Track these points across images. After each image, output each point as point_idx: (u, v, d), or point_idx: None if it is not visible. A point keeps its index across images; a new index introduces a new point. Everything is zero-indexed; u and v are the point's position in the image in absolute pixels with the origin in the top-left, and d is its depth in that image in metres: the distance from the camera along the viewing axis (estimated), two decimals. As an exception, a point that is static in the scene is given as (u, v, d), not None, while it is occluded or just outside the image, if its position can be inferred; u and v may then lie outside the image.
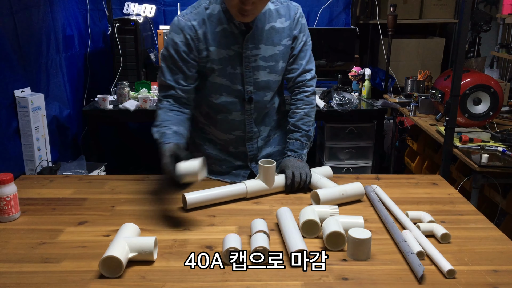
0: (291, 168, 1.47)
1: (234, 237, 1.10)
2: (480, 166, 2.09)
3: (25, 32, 2.23)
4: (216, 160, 1.61)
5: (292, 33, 1.50)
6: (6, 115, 2.06)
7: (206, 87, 1.49)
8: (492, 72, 3.40)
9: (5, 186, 1.26)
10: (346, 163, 3.18)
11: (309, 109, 1.58)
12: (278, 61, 1.50)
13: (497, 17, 3.78)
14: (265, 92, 1.52)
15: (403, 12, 3.83)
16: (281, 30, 1.48)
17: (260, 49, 1.46)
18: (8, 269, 1.05)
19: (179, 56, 1.42)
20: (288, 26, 1.49)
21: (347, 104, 2.93)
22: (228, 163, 1.61)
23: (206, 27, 1.41)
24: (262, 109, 1.55)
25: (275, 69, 1.50)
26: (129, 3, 3.42)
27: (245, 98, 1.49)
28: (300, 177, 1.46)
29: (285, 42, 1.49)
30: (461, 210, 1.38)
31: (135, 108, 2.84)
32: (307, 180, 1.47)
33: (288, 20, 1.49)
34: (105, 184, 1.56)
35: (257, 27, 1.44)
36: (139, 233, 1.17)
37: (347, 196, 1.39)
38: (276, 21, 1.47)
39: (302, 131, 1.56)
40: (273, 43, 1.48)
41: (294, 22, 1.50)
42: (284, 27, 1.49)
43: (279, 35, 1.48)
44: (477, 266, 1.07)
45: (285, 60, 1.52)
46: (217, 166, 1.62)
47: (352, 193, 1.41)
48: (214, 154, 1.61)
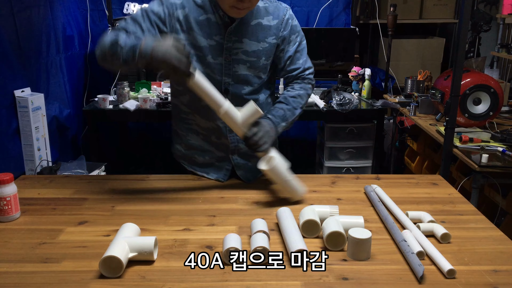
0: (260, 128, 1.39)
1: (234, 237, 1.10)
2: (480, 166, 2.09)
3: (25, 32, 2.23)
4: (199, 150, 1.60)
5: (279, 33, 1.51)
6: (6, 115, 2.06)
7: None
8: (492, 72, 3.41)
9: (5, 186, 1.26)
10: (346, 163, 3.18)
11: (304, 93, 1.57)
12: (260, 58, 1.50)
13: (497, 17, 3.78)
14: (244, 86, 1.52)
15: (403, 12, 3.83)
16: (267, 27, 1.49)
17: (243, 43, 1.47)
18: (8, 269, 1.05)
19: (149, 19, 1.40)
20: (275, 25, 1.50)
21: (347, 104, 2.93)
22: (210, 153, 1.60)
23: (188, 11, 1.42)
24: (239, 103, 1.50)
25: (256, 65, 1.50)
26: (129, 3, 3.42)
27: (222, 89, 1.48)
28: (259, 140, 1.37)
29: (270, 40, 1.50)
30: (461, 210, 1.38)
31: (135, 108, 2.85)
32: (262, 147, 1.38)
33: (276, 20, 1.50)
34: (105, 184, 1.56)
35: (242, 21, 1.45)
36: (139, 233, 1.17)
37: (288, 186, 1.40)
38: (263, 18, 1.48)
39: (289, 105, 1.53)
40: (257, 39, 1.48)
41: (283, 23, 1.51)
42: (271, 25, 1.49)
43: (265, 32, 1.49)
44: (477, 266, 1.07)
45: (267, 58, 1.52)
46: (200, 157, 1.61)
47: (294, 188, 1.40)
48: (196, 144, 1.60)
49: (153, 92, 3.08)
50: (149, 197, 1.46)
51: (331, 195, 1.48)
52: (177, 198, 1.44)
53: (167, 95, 3.02)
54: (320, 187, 1.55)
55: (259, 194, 1.49)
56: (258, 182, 1.58)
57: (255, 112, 1.37)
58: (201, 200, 1.43)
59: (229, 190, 1.51)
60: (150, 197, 1.45)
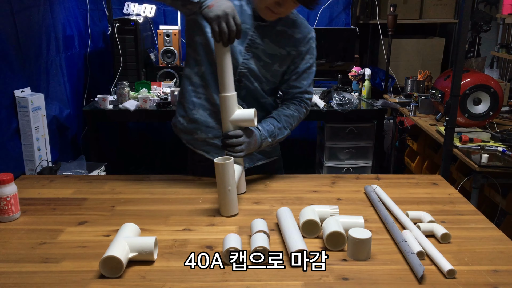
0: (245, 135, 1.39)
1: (234, 237, 1.10)
2: (480, 166, 2.09)
3: (25, 32, 2.23)
4: (203, 126, 1.57)
5: (299, 48, 1.54)
6: (6, 115, 2.06)
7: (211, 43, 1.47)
8: (492, 72, 3.41)
9: (5, 186, 1.26)
10: (346, 163, 3.18)
11: (297, 116, 1.58)
12: (275, 63, 1.52)
13: (497, 17, 3.78)
14: (255, 81, 1.53)
15: (403, 12, 3.83)
16: (290, 37, 1.52)
17: (264, 42, 1.49)
18: (8, 269, 1.05)
19: None
20: (297, 38, 1.53)
21: (347, 104, 2.93)
22: (214, 131, 1.57)
23: None
24: (250, 92, 1.54)
25: (268, 67, 1.52)
26: (129, 3, 3.42)
27: (236, 77, 1.47)
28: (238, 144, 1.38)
29: (288, 50, 1.52)
30: (461, 210, 1.38)
31: (135, 108, 2.85)
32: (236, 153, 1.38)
33: (300, 34, 1.53)
34: (105, 184, 1.56)
35: (271, 23, 1.48)
36: (139, 233, 1.17)
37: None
38: (289, 28, 1.51)
39: (281, 123, 1.53)
40: (278, 44, 1.51)
41: (305, 40, 1.54)
42: (295, 37, 1.52)
43: (286, 40, 1.51)
44: (477, 266, 1.07)
45: (281, 65, 1.54)
46: (203, 134, 1.58)
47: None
48: (202, 119, 1.57)
49: (153, 92, 3.08)
50: (149, 197, 1.46)
51: (331, 195, 1.48)
52: (177, 198, 1.44)
53: (167, 95, 3.02)
54: (320, 187, 1.55)
55: (259, 194, 1.49)
56: (258, 182, 1.58)
57: (250, 121, 1.36)
58: (201, 200, 1.43)
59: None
60: (150, 197, 1.45)
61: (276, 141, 1.53)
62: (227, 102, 1.37)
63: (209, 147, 1.60)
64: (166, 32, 3.27)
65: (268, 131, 1.49)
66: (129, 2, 3.42)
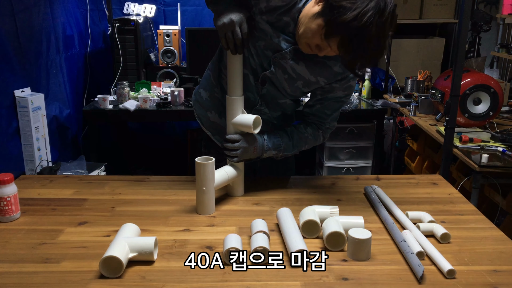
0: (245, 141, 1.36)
1: (235, 237, 1.10)
2: (480, 166, 2.09)
3: (25, 32, 2.23)
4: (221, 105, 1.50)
5: (332, 80, 1.42)
6: (6, 115, 2.06)
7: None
8: (492, 72, 3.41)
9: (5, 186, 1.26)
10: (346, 163, 3.18)
11: (312, 141, 1.51)
12: (298, 80, 1.42)
13: (497, 17, 3.78)
14: (276, 91, 1.46)
15: (403, 12, 3.83)
16: (327, 68, 1.40)
17: (297, 64, 1.38)
18: (8, 269, 1.05)
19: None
20: (335, 71, 1.40)
21: (347, 104, 2.93)
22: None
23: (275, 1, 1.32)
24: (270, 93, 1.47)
25: (291, 84, 1.42)
26: (129, 3, 3.42)
27: (259, 78, 1.43)
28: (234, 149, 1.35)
29: (319, 79, 1.41)
30: (461, 210, 1.38)
31: (135, 108, 2.85)
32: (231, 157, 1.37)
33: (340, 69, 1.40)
34: (105, 185, 1.56)
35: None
36: (139, 233, 1.17)
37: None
38: (329, 59, 1.38)
39: (292, 141, 1.47)
40: (311, 70, 1.39)
41: (342, 76, 1.42)
42: (332, 69, 1.40)
43: (321, 70, 1.40)
44: (477, 266, 1.07)
45: (305, 86, 1.43)
46: (215, 114, 1.54)
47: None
48: (219, 103, 1.52)
49: (153, 92, 3.08)
50: (149, 197, 1.46)
51: (331, 195, 1.48)
52: (177, 199, 1.44)
53: (167, 95, 3.02)
54: (320, 187, 1.55)
55: (259, 194, 1.49)
56: (258, 183, 1.58)
57: (248, 127, 1.34)
58: (201, 200, 1.43)
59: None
60: (150, 198, 1.45)
61: (281, 155, 1.47)
62: (232, 105, 1.36)
63: (214, 130, 1.56)
64: (166, 32, 3.27)
65: (274, 143, 1.44)
66: (129, 2, 3.42)
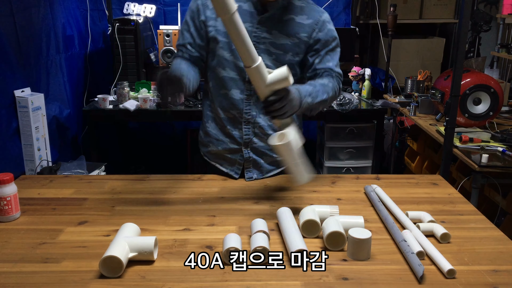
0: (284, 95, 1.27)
1: (234, 237, 1.10)
2: (480, 166, 2.09)
3: (25, 32, 2.23)
4: (214, 139, 1.61)
5: (313, 33, 1.50)
6: (6, 115, 2.06)
7: (213, 59, 1.52)
8: (492, 72, 3.41)
9: (5, 186, 1.27)
10: (346, 163, 3.18)
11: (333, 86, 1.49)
12: (287, 52, 1.50)
13: (497, 17, 3.78)
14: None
15: (403, 12, 3.83)
16: (300, 25, 1.49)
17: (272, 34, 1.47)
18: (8, 269, 1.05)
19: (193, 23, 1.50)
20: (308, 24, 1.49)
21: (347, 104, 2.93)
22: (223, 144, 1.60)
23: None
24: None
25: (281, 58, 1.50)
26: (129, 3, 3.42)
27: (246, 77, 1.49)
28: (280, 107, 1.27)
29: (300, 36, 1.49)
30: (461, 210, 1.38)
31: (135, 108, 2.84)
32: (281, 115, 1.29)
33: (311, 20, 1.50)
34: (105, 184, 1.56)
35: (275, 14, 1.47)
36: (139, 233, 1.17)
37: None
38: (297, 15, 1.49)
39: (317, 87, 1.43)
40: (287, 34, 1.48)
41: (319, 24, 1.50)
42: (304, 23, 1.49)
43: (297, 28, 1.49)
44: (477, 266, 1.07)
45: (294, 54, 1.51)
46: (214, 147, 1.62)
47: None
48: (213, 132, 1.62)
49: (153, 92, 3.08)
50: (149, 197, 1.46)
51: (331, 195, 1.48)
52: (177, 198, 1.44)
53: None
54: (320, 187, 1.55)
55: (259, 194, 1.49)
56: (258, 182, 1.58)
57: (285, 80, 1.27)
58: (201, 200, 1.43)
59: (229, 190, 1.51)
60: (150, 197, 1.45)
61: (315, 103, 1.42)
62: (257, 73, 1.27)
63: (222, 161, 1.63)
64: (166, 32, 3.26)
65: (307, 91, 1.40)
66: (129, 2, 3.42)
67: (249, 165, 1.60)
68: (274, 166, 1.65)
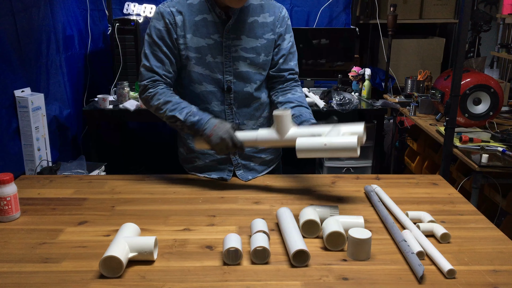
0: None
1: (234, 237, 1.10)
2: (480, 166, 2.09)
3: (25, 32, 2.23)
4: (199, 153, 1.60)
5: (276, 29, 1.54)
6: (6, 115, 2.06)
7: (186, 76, 1.52)
8: (492, 72, 3.41)
9: (5, 186, 1.27)
10: (346, 163, 3.18)
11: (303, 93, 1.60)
12: (260, 54, 1.52)
13: (497, 17, 3.78)
14: (245, 83, 1.53)
15: (403, 12, 3.83)
16: (264, 24, 1.52)
17: (241, 39, 1.49)
18: (8, 269, 1.05)
19: (163, 42, 1.46)
20: (271, 21, 1.53)
21: (347, 104, 2.93)
22: (211, 156, 1.59)
23: (184, 15, 1.45)
24: (243, 101, 1.54)
25: (256, 61, 1.52)
26: (129, 3, 3.42)
27: (224, 88, 1.51)
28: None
29: (268, 36, 1.53)
30: (461, 210, 1.38)
31: (135, 108, 2.85)
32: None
33: (272, 16, 1.53)
34: (105, 184, 1.56)
35: (239, 19, 1.48)
36: (139, 233, 1.17)
37: (331, 148, 1.27)
38: (259, 15, 1.52)
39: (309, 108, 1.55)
40: (255, 36, 1.51)
41: (280, 20, 1.55)
42: (268, 22, 1.52)
43: (262, 28, 1.52)
44: (477, 266, 1.07)
45: (267, 54, 1.54)
46: (200, 161, 1.61)
47: (338, 145, 1.28)
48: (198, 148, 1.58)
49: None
50: (149, 197, 1.46)
51: (331, 195, 1.48)
52: (177, 198, 1.44)
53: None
54: (320, 187, 1.55)
55: (259, 194, 1.49)
56: (258, 182, 1.58)
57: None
58: (201, 200, 1.44)
59: (229, 190, 1.51)
60: (150, 197, 1.45)
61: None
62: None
63: (211, 171, 1.62)
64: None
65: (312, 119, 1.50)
66: (129, 2, 3.42)
67: (239, 170, 1.61)
68: (265, 166, 1.65)
